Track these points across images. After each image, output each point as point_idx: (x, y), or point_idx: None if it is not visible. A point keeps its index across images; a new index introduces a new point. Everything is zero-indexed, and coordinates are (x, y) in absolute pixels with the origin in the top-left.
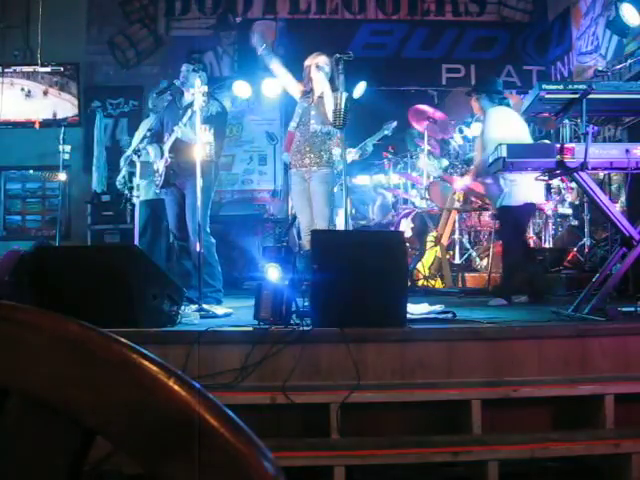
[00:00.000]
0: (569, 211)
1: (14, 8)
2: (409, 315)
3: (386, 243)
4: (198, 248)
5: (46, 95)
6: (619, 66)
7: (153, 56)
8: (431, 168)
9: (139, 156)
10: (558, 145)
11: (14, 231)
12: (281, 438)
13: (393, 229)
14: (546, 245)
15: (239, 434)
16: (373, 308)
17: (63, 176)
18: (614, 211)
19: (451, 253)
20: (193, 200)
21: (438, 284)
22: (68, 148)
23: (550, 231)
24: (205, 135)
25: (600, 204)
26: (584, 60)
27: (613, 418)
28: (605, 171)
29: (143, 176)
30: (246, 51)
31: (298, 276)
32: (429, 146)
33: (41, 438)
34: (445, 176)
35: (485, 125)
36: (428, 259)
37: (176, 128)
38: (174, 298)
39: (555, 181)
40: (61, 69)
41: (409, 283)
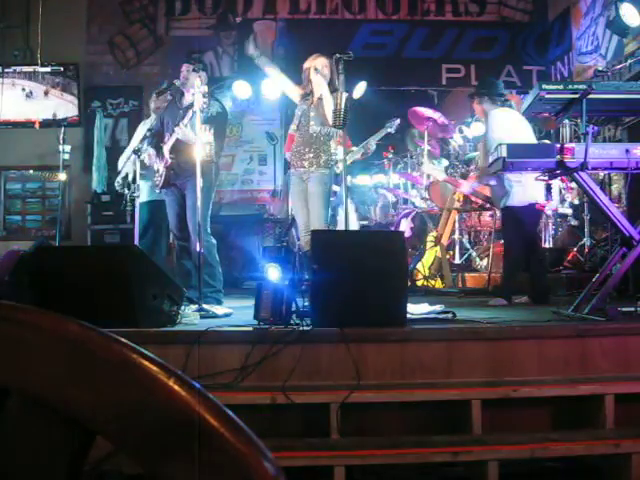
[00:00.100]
0: (569, 211)
1: (14, 8)
2: (409, 315)
3: (386, 243)
4: (198, 248)
5: (47, 95)
6: (619, 66)
7: (153, 56)
8: (436, 172)
9: (139, 156)
10: (558, 145)
11: (14, 231)
12: (281, 438)
13: (393, 229)
14: (546, 245)
15: (239, 434)
16: (373, 308)
17: (63, 176)
18: (614, 211)
19: (451, 253)
20: (193, 200)
21: (438, 284)
22: (68, 148)
23: (550, 231)
24: (205, 135)
25: (600, 204)
26: (584, 60)
27: (613, 418)
28: (605, 171)
29: (144, 177)
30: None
31: (298, 276)
32: (429, 146)
33: (41, 438)
34: (451, 179)
35: (488, 127)
36: (428, 259)
37: (177, 129)
38: (174, 298)
39: (555, 181)
40: (61, 69)
41: (409, 283)
